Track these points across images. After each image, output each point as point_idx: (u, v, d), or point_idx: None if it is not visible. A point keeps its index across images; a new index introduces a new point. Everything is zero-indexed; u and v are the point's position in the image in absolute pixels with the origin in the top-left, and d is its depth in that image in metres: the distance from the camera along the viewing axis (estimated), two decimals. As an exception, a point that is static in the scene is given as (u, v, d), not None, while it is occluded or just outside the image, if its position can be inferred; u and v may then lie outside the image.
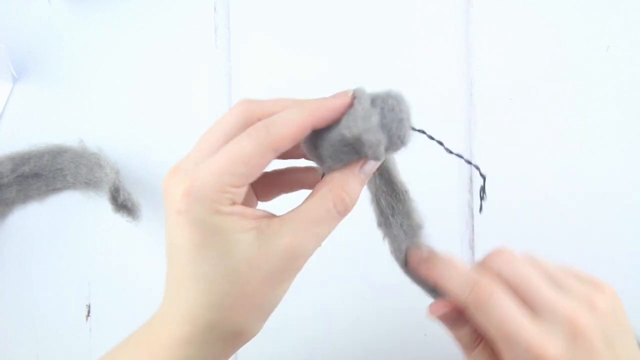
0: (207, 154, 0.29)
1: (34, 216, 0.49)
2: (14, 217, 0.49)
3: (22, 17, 0.50)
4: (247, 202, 0.32)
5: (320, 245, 0.29)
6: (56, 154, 0.47)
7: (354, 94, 0.30)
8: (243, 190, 0.28)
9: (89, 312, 0.48)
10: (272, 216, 0.30)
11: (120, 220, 0.46)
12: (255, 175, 0.28)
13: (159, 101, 0.49)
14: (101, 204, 0.48)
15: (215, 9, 0.49)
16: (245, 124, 0.29)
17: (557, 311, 0.28)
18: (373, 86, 0.47)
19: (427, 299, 0.46)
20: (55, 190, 0.49)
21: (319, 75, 0.48)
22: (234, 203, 0.28)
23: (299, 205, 0.29)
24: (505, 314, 0.28)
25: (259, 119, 0.29)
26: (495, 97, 0.46)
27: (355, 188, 0.29)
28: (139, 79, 0.49)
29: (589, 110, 0.46)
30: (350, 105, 0.29)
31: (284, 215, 0.29)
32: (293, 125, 0.28)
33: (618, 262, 0.44)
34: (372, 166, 0.30)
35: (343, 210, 0.29)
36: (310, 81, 0.48)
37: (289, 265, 0.28)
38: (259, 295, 0.28)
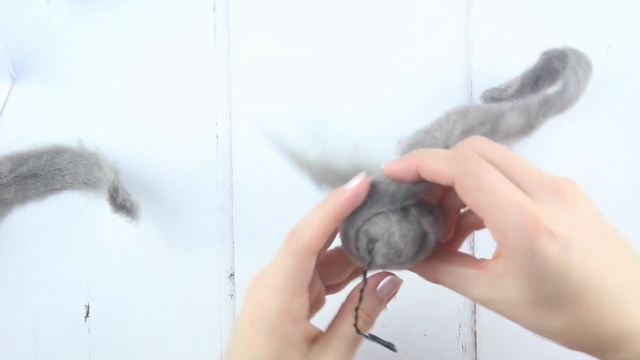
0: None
1: (33, 216, 0.49)
2: (13, 217, 0.49)
3: (21, 17, 0.50)
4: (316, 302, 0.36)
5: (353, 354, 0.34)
6: (55, 154, 0.47)
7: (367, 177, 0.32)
8: (303, 298, 0.32)
9: (87, 312, 0.48)
10: (319, 333, 0.34)
11: (119, 220, 0.46)
12: (306, 279, 0.32)
13: (158, 101, 0.49)
14: (100, 204, 0.48)
15: (214, 9, 0.49)
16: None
17: (544, 182, 0.28)
18: (373, 86, 0.47)
19: (427, 299, 0.46)
20: (54, 190, 0.49)
21: (319, 75, 0.48)
22: (292, 317, 0.31)
23: (331, 326, 0.34)
24: (495, 180, 0.27)
25: None
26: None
27: (371, 306, 0.34)
28: (138, 79, 0.49)
29: (589, 110, 0.45)
30: (369, 189, 0.32)
31: (322, 337, 0.33)
32: (316, 226, 0.31)
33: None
34: (387, 282, 0.34)
35: (365, 327, 0.34)
36: (311, 81, 0.48)
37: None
38: None
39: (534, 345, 0.44)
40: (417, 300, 0.45)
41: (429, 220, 0.32)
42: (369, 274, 0.34)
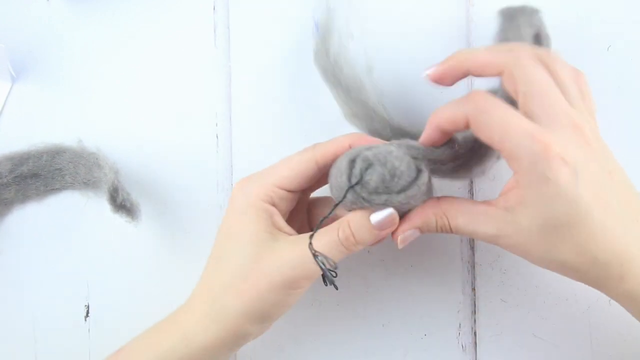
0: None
1: (33, 216, 0.49)
2: (13, 217, 0.49)
3: (21, 17, 0.50)
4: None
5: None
6: (55, 154, 0.47)
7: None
8: (288, 196, 0.35)
9: (87, 312, 0.48)
10: (293, 233, 0.35)
11: (120, 220, 0.46)
12: (298, 182, 0.35)
13: (158, 101, 0.49)
14: (100, 204, 0.48)
15: (214, 9, 0.49)
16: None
17: (562, 115, 0.29)
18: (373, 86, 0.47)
19: (426, 300, 0.46)
20: (54, 190, 0.49)
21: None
22: (272, 204, 0.34)
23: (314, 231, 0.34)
24: (505, 110, 0.28)
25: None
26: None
27: (362, 231, 0.33)
28: (138, 79, 0.49)
29: (589, 110, 0.45)
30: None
31: (301, 235, 0.34)
32: (334, 145, 0.34)
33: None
34: (381, 216, 0.33)
35: (347, 245, 0.33)
36: (310, 81, 0.48)
37: (289, 274, 0.33)
38: (255, 291, 0.33)
39: (534, 345, 0.44)
40: (417, 300, 0.45)
41: (425, 164, 0.33)
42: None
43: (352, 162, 0.32)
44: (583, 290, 0.43)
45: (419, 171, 0.33)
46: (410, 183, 0.32)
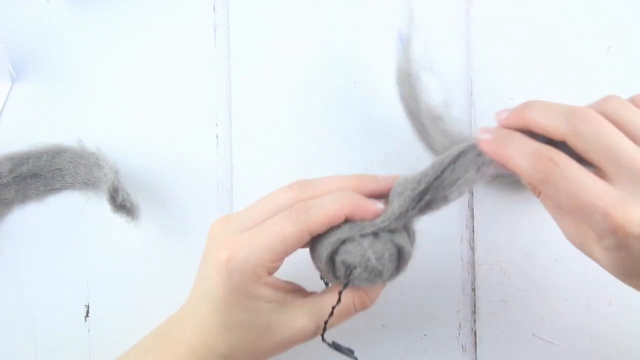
0: (253, 222, 0.34)
1: (33, 216, 0.49)
2: (13, 217, 0.49)
3: (21, 17, 0.50)
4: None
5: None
6: (55, 154, 0.47)
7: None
8: (278, 265, 0.34)
9: (87, 312, 0.48)
10: (298, 291, 0.36)
11: (119, 220, 0.46)
12: (291, 252, 0.33)
13: (158, 101, 0.49)
14: (100, 204, 0.48)
15: (214, 8, 0.49)
16: (293, 204, 0.34)
17: (634, 169, 0.27)
18: (373, 86, 0.47)
19: (426, 300, 0.46)
20: (54, 190, 0.49)
21: (319, 75, 0.48)
22: (269, 273, 0.33)
23: (323, 293, 0.35)
24: (575, 181, 0.27)
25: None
26: (495, 97, 0.46)
27: (377, 294, 0.35)
28: (138, 79, 0.49)
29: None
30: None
31: (308, 297, 0.35)
32: (330, 216, 0.32)
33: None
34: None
35: (361, 308, 0.35)
36: (310, 80, 0.48)
37: (296, 339, 0.34)
38: (265, 352, 0.34)
39: (534, 345, 0.44)
40: (417, 300, 0.45)
41: (401, 235, 0.33)
42: None
43: (332, 262, 0.33)
44: (583, 290, 0.44)
45: (399, 250, 0.33)
46: (398, 267, 0.33)
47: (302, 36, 0.48)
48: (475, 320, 0.45)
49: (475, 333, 0.45)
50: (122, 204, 0.44)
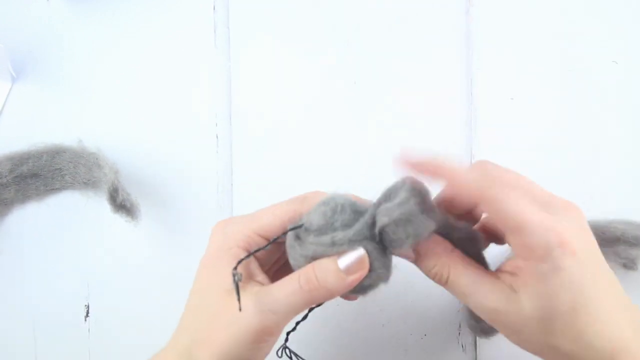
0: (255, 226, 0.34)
1: (33, 216, 0.49)
2: (13, 217, 0.49)
3: (21, 17, 0.50)
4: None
5: (290, 319, 0.32)
6: (55, 153, 0.47)
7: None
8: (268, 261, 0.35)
9: (87, 312, 0.48)
10: (267, 282, 0.34)
11: (119, 220, 0.46)
12: (279, 232, 0.34)
13: (159, 101, 0.49)
14: (100, 204, 0.48)
15: (214, 9, 0.49)
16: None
17: (557, 202, 0.29)
18: (373, 86, 0.47)
19: (426, 300, 0.46)
20: (54, 190, 0.49)
21: (319, 75, 0.48)
22: (249, 251, 0.33)
23: (284, 278, 0.32)
24: (519, 203, 0.28)
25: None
26: (495, 97, 0.46)
27: (326, 274, 0.31)
28: (138, 79, 0.49)
29: (590, 109, 0.46)
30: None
31: (261, 288, 0.32)
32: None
33: (619, 262, 0.44)
34: (349, 259, 0.31)
35: (310, 291, 0.31)
36: (310, 81, 0.48)
37: (255, 325, 0.31)
38: (222, 342, 0.31)
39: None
40: (417, 300, 0.45)
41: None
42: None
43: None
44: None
45: (363, 211, 0.32)
46: (355, 219, 0.31)
47: (302, 36, 0.48)
48: (475, 320, 0.45)
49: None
50: (122, 204, 0.44)
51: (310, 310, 0.31)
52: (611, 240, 0.43)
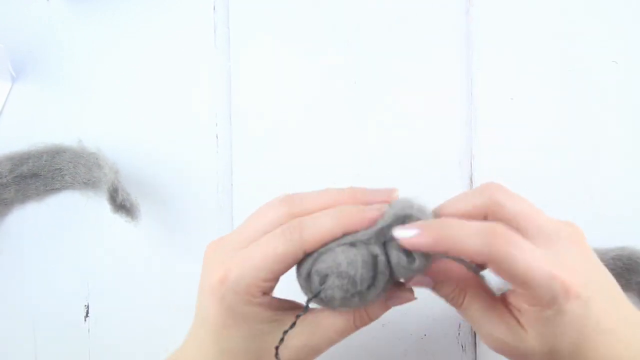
0: (246, 242, 0.32)
1: (33, 216, 0.49)
2: (13, 217, 0.49)
3: (21, 17, 0.50)
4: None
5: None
6: (55, 153, 0.47)
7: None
8: (273, 284, 0.32)
9: (87, 312, 0.48)
10: (295, 307, 0.34)
11: (119, 220, 0.46)
12: (286, 270, 0.31)
13: (158, 101, 0.49)
14: (100, 204, 0.48)
15: (214, 9, 0.49)
16: (285, 221, 0.32)
17: (562, 233, 0.30)
18: (373, 86, 0.47)
19: (426, 300, 0.46)
20: (54, 190, 0.49)
21: (319, 75, 0.48)
22: (264, 293, 0.32)
23: (321, 310, 0.33)
24: (529, 257, 0.28)
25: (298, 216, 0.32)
26: (495, 97, 0.46)
27: (378, 313, 0.33)
28: (138, 79, 0.49)
29: (590, 109, 0.45)
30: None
31: (308, 315, 0.32)
32: (325, 232, 0.30)
33: (619, 262, 0.44)
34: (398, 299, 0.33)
35: (362, 325, 0.33)
36: (310, 81, 0.48)
37: (300, 358, 0.32)
38: None
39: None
40: (417, 301, 0.45)
41: (379, 247, 0.31)
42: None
43: (309, 277, 0.31)
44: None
45: (374, 259, 0.31)
46: (374, 277, 0.31)
47: (302, 36, 0.48)
48: (475, 320, 0.45)
49: (475, 333, 0.45)
50: (122, 204, 0.44)
51: (298, 317, 0.31)
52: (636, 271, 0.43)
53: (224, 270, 0.31)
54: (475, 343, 0.45)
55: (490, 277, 0.32)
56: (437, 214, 0.32)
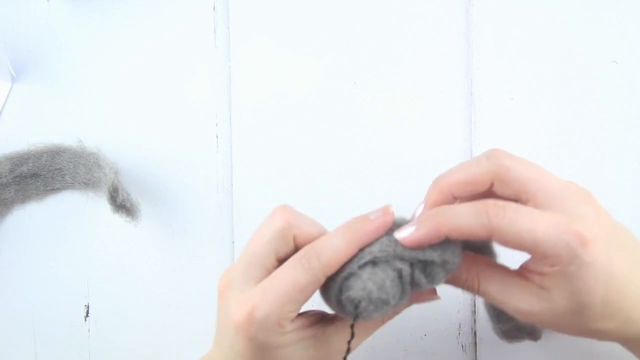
0: (257, 269, 0.32)
1: (33, 216, 0.49)
2: (13, 217, 0.49)
3: (21, 17, 0.50)
4: None
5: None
6: (55, 153, 0.47)
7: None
8: (299, 309, 0.32)
9: (87, 312, 0.48)
10: (324, 317, 0.34)
11: (119, 220, 0.46)
12: (309, 298, 0.31)
13: (158, 101, 0.49)
14: (100, 203, 0.48)
15: (214, 9, 0.49)
16: (286, 238, 0.32)
17: (571, 192, 0.30)
18: (373, 86, 0.47)
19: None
20: (54, 190, 0.49)
21: (319, 75, 0.48)
22: (292, 321, 0.31)
23: (329, 328, 0.33)
24: (527, 213, 0.28)
25: (297, 235, 0.32)
26: (495, 97, 0.46)
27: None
28: (138, 79, 0.49)
29: (590, 109, 0.45)
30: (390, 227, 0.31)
31: (336, 321, 0.33)
32: (341, 253, 0.30)
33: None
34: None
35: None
36: (310, 81, 0.48)
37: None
38: None
39: (533, 345, 0.43)
40: (417, 300, 0.45)
41: (398, 260, 0.31)
42: None
43: (340, 303, 0.32)
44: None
45: (399, 274, 0.31)
46: (403, 291, 0.31)
47: (302, 36, 0.48)
48: (475, 320, 0.45)
49: (475, 333, 0.45)
50: (122, 204, 0.44)
51: (352, 326, 0.32)
52: None
53: (248, 308, 0.30)
54: (475, 343, 0.45)
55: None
56: (440, 184, 0.32)
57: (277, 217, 0.32)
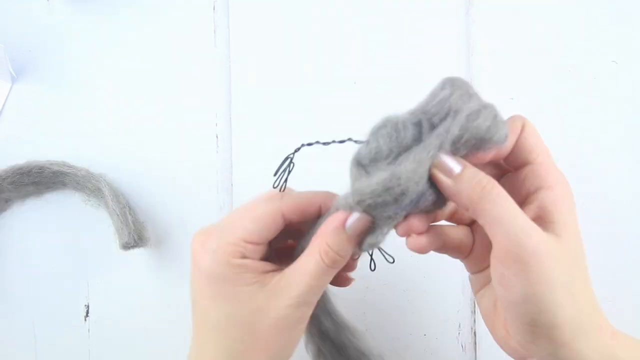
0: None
1: (33, 215, 0.49)
2: (13, 216, 0.49)
3: (21, 17, 0.50)
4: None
5: (320, 292, 0.32)
6: (59, 174, 0.47)
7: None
8: (257, 248, 0.32)
9: (87, 312, 0.48)
10: (277, 270, 0.33)
11: (119, 220, 0.46)
12: (266, 235, 0.32)
13: (158, 101, 0.49)
14: (100, 204, 0.48)
15: (214, 9, 0.49)
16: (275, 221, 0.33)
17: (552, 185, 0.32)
18: (373, 86, 0.47)
19: (426, 300, 0.46)
20: (54, 190, 0.49)
21: (319, 75, 0.48)
22: (244, 257, 0.31)
23: (297, 260, 0.32)
24: (507, 210, 0.29)
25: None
26: (495, 97, 0.46)
27: (337, 242, 0.31)
28: (138, 79, 0.49)
29: (590, 109, 0.45)
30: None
31: (285, 270, 0.32)
32: (304, 200, 0.33)
33: (619, 264, 0.44)
34: (356, 220, 0.31)
35: (331, 263, 0.31)
36: (310, 81, 0.48)
37: (294, 314, 0.31)
38: (270, 341, 0.31)
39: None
40: (417, 301, 0.45)
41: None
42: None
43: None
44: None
45: (420, 121, 0.32)
46: (419, 131, 0.32)
47: (302, 36, 0.48)
48: (475, 320, 0.45)
49: (475, 333, 0.45)
50: (132, 246, 0.45)
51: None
52: None
53: (203, 237, 0.32)
54: (475, 343, 0.45)
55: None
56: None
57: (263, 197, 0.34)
